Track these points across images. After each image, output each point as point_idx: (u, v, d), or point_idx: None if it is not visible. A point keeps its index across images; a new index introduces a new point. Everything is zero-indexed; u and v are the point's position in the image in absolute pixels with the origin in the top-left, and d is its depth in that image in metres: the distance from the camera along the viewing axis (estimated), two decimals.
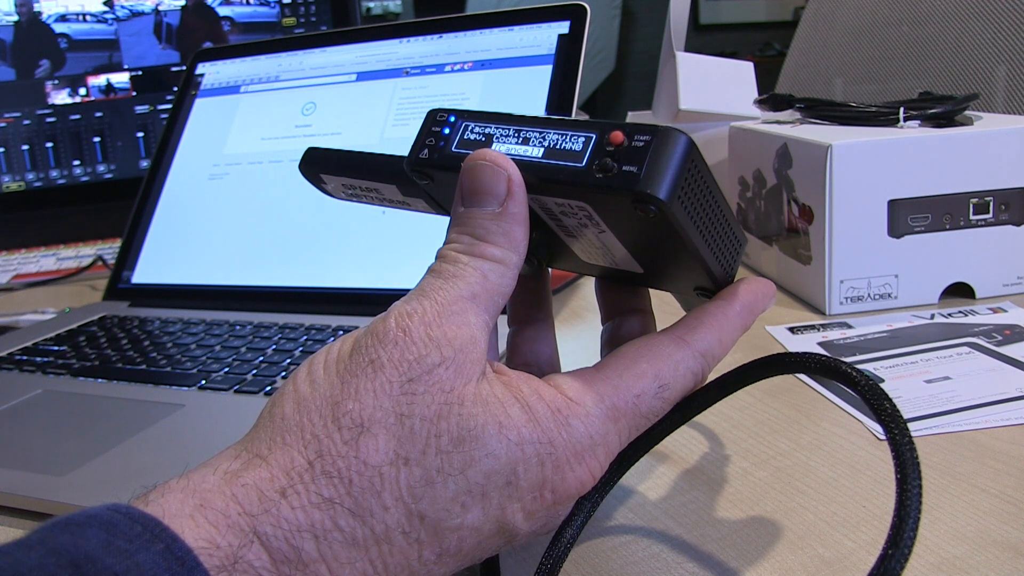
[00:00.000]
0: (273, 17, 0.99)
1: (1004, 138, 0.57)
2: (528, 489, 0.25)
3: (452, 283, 0.26)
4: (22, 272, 0.90)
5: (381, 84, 0.67)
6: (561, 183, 0.26)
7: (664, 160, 0.25)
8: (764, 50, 3.73)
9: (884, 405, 0.26)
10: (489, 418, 0.25)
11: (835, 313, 0.58)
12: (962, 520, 0.34)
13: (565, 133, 0.27)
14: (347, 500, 0.24)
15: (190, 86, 0.77)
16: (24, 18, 0.97)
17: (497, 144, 0.28)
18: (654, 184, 0.25)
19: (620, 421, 0.27)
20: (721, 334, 0.29)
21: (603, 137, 0.26)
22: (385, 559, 0.24)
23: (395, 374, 0.25)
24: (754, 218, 0.69)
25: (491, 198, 0.27)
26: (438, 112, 0.29)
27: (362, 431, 0.24)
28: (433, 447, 0.24)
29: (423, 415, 0.24)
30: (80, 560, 0.20)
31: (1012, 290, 0.59)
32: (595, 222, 0.28)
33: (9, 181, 0.99)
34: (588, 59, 3.17)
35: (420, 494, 0.24)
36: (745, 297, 0.30)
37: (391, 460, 0.24)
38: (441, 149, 0.29)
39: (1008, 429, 0.41)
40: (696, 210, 0.27)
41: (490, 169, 0.27)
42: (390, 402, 0.24)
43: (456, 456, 0.24)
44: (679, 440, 0.43)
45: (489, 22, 0.65)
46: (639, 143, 0.25)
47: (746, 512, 0.36)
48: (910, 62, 1.08)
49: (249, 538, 0.23)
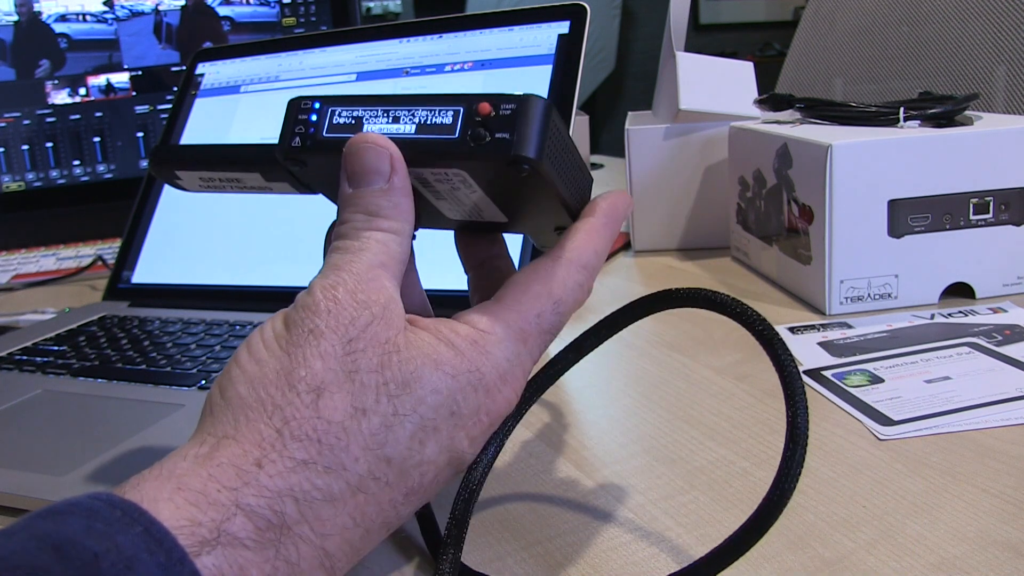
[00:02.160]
0: (273, 17, 0.99)
1: (1004, 138, 0.57)
2: (469, 415, 0.28)
3: (361, 255, 0.29)
4: (22, 272, 0.90)
5: (381, 84, 0.67)
6: (438, 155, 0.29)
7: (530, 124, 0.28)
8: (764, 50, 3.73)
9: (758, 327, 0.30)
10: (425, 359, 0.27)
11: (835, 313, 0.58)
12: (962, 520, 0.34)
13: (433, 109, 0.29)
14: (319, 458, 0.25)
15: (190, 86, 0.77)
16: (24, 18, 0.97)
17: (368, 125, 0.30)
18: (526, 146, 0.27)
19: (528, 341, 0.30)
20: (595, 245, 0.32)
21: (471, 109, 0.28)
22: (362, 508, 0.26)
23: (335, 337, 0.27)
24: (754, 218, 0.69)
25: (377, 176, 0.29)
26: (302, 100, 0.31)
27: (319, 393, 0.26)
28: (384, 394, 0.26)
29: (368, 367, 0.26)
30: (61, 543, 0.21)
31: (1012, 290, 0.59)
32: (468, 184, 0.30)
33: (9, 181, 0.99)
34: (588, 59, 3.17)
35: (383, 439, 0.26)
36: (605, 208, 0.33)
37: (351, 414, 0.26)
38: (312, 136, 0.31)
39: (1008, 429, 0.41)
40: (559, 163, 0.30)
41: (372, 150, 0.29)
42: (336, 363, 0.26)
43: (406, 398, 0.27)
44: (679, 440, 0.43)
45: (489, 22, 0.65)
46: (506, 111, 0.28)
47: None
48: (910, 62, 1.08)
49: (232, 511, 0.24)
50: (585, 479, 0.40)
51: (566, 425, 0.46)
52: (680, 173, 0.78)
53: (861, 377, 0.48)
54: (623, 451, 0.42)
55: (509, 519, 0.37)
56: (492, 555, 0.34)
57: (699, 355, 0.54)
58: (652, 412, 0.46)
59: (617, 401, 0.48)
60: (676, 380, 0.50)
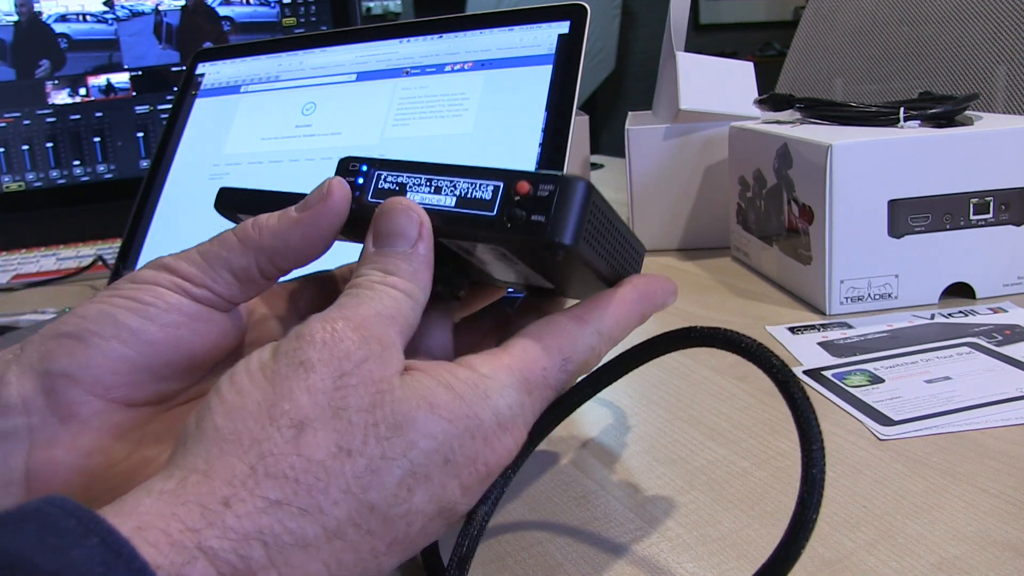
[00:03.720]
0: (273, 17, 0.99)
1: (1004, 138, 0.57)
2: (464, 464, 0.26)
3: (369, 303, 0.27)
4: (22, 272, 0.90)
5: (381, 84, 0.67)
6: (475, 231, 0.29)
7: (567, 208, 0.27)
8: (764, 50, 3.73)
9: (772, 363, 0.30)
10: (420, 400, 0.26)
11: (835, 313, 0.58)
12: (962, 520, 0.34)
13: (474, 182, 0.29)
14: (294, 499, 0.23)
15: (190, 86, 0.77)
16: (24, 18, 0.97)
17: (411, 193, 0.30)
18: (560, 232, 0.27)
19: (533, 393, 0.29)
20: (618, 316, 0.32)
21: (510, 187, 0.28)
22: (339, 556, 0.24)
23: (326, 371, 0.25)
24: (754, 218, 0.69)
25: (402, 240, 0.29)
26: (350, 161, 0.31)
27: (301, 429, 0.24)
28: (372, 436, 0.24)
29: (358, 406, 0.25)
30: (14, 560, 0.19)
31: (1012, 290, 0.59)
32: (509, 258, 0.30)
33: (9, 181, 0.99)
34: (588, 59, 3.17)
35: (367, 483, 0.24)
36: (642, 285, 0.33)
37: (333, 453, 0.24)
38: (358, 199, 0.31)
39: (1008, 429, 0.41)
40: (598, 244, 0.30)
41: (404, 213, 0.29)
42: (324, 398, 0.24)
43: (396, 441, 0.25)
44: (679, 440, 0.43)
45: (489, 22, 0.65)
46: (544, 192, 0.28)
47: (746, 512, 0.36)
48: (910, 62, 1.08)
49: (193, 554, 0.22)
50: (585, 479, 0.40)
51: (566, 425, 0.46)
52: (680, 173, 0.78)
53: (861, 377, 0.48)
54: (623, 451, 0.42)
55: (509, 519, 0.37)
56: (492, 555, 0.34)
57: (699, 355, 0.54)
58: (652, 412, 0.46)
59: (617, 401, 0.48)
60: (676, 380, 0.50)
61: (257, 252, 0.30)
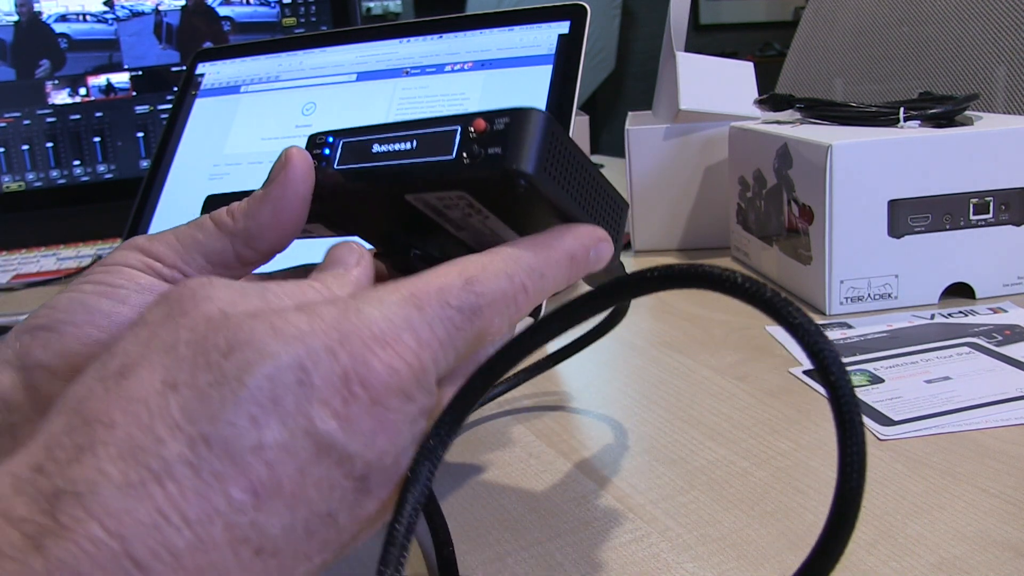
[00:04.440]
0: (273, 17, 0.99)
1: (1004, 138, 0.57)
2: (328, 386, 0.22)
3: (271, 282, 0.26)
4: (22, 272, 0.90)
5: (381, 84, 0.67)
6: (436, 177, 0.28)
7: (524, 137, 0.26)
8: (764, 50, 3.73)
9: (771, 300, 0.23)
10: (260, 323, 0.22)
11: (835, 313, 0.58)
12: (962, 520, 0.34)
13: (433, 131, 0.29)
14: (111, 440, 0.20)
15: (190, 86, 0.77)
16: (24, 18, 0.97)
17: (374, 148, 0.30)
18: (518, 160, 0.26)
19: (425, 309, 0.24)
20: (537, 248, 0.28)
21: (467, 127, 0.28)
22: (176, 502, 0.20)
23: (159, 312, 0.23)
24: (754, 218, 0.69)
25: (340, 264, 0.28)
26: (317, 136, 0.31)
27: (124, 375, 0.22)
28: (202, 363, 0.21)
29: (188, 339, 0.22)
30: None
31: (1012, 290, 0.59)
32: (476, 209, 0.29)
33: (9, 181, 0.99)
34: (588, 59, 3.17)
35: (195, 414, 0.21)
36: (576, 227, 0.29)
37: (158, 390, 0.21)
38: (323, 170, 0.30)
39: (1008, 429, 0.41)
40: (565, 179, 0.28)
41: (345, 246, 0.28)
42: (155, 339, 0.22)
43: (228, 364, 0.21)
44: (679, 440, 0.43)
45: (489, 22, 0.65)
46: (500, 126, 0.27)
47: (746, 512, 0.36)
48: (910, 62, 1.08)
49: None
50: (585, 479, 0.40)
51: (566, 425, 0.46)
52: (680, 173, 0.78)
53: (861, 377, 0.48)
54: (623, 451, 0.42)
55: (509, 519, 0.37)
56: (492, 555, 0.34)
57: (699, 355, 0.54)
58: (652, 412, 0.46)
59: (617, 401, 0.48)
60: (676, 380, 0.50)
61: (232, 237, 0.30)
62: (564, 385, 0.51)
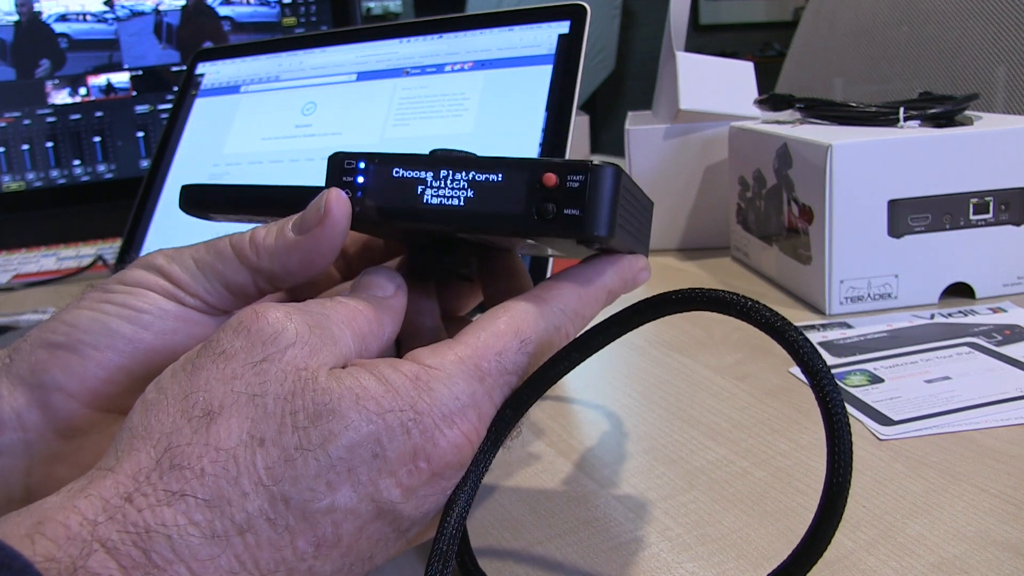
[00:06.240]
0: (273, 17, 0.99)
1: (1004, 138, 0.57)
2: (398, 460, 0.24)
3: (325, 305, 0.27)
4: (22, 272, 0.90)
5: (381, 84, 0.67)
6: (500, 228, 0.27)
7: (602, 199, 0.26)
8: (764, 50, 3.73)
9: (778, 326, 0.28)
10: (344, 391, 0.24)
11: (835, 313, 0.58)
12: (962, 520, 0.34)
13: (493, 176, 0.27)
14: (200, 491, 0.22)
15: (190, 86, 0.77)
16: (24, 18, 0.97)
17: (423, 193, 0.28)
18: (597, 225, 0.26)
19: (486, 380, 0.26)
20: (580, 293, 0.29)
21: (536, 179, 0.27)
22: (253, 552, 0.22)
23: (246, 357, 0.24)
24: (754, 218, 0.69)
25: (379, 288, 0.29)
26: (344, 158, 0.29)
27: (212, 418, 0.23)
28: (289, 424, 0.23)
29: (276, 393, 0.23)
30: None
31: (1012, 290, 0.59)
32: (531, 244, 0.29)
33: (9, 181, 0.99)
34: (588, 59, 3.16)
35: (280, 474, 0.23)
36: (611, 261, 0.31)
37: (245, 442, 0.23)
38: (360, 201, 0.28)
39: (1008, 429, 0.41)
40: (628, 224, 0.28)
41: (384, 272, 0.29)
42: (241, 384, 0.23)
43: (314, 431, 0.23)
44: (679, 440, 0.43)
45: (489, 22, 0.65)
46: (574, 183, 0.26)
47: (746, 512, 0.36)
48: (910, 62, 1.08)
49: (91, 547, 0.21)
50: (585, 479, 0.40)
51: (566, 425, 0.46)
52: (680, 173, 0.78)
53: (861, 377, 0.48)
54: (623, 451, 0.42)
55: (509, 519, 0.37)
56: (492, 555, 0.34)
57: (699, 355, 0.54)
58: (652, 412, 0.46)
59: (617, 401, 0.48)
60: (676, 380, 0.50)
61: (255, 273, 0.29)
62: (564, 385, 0.51)
